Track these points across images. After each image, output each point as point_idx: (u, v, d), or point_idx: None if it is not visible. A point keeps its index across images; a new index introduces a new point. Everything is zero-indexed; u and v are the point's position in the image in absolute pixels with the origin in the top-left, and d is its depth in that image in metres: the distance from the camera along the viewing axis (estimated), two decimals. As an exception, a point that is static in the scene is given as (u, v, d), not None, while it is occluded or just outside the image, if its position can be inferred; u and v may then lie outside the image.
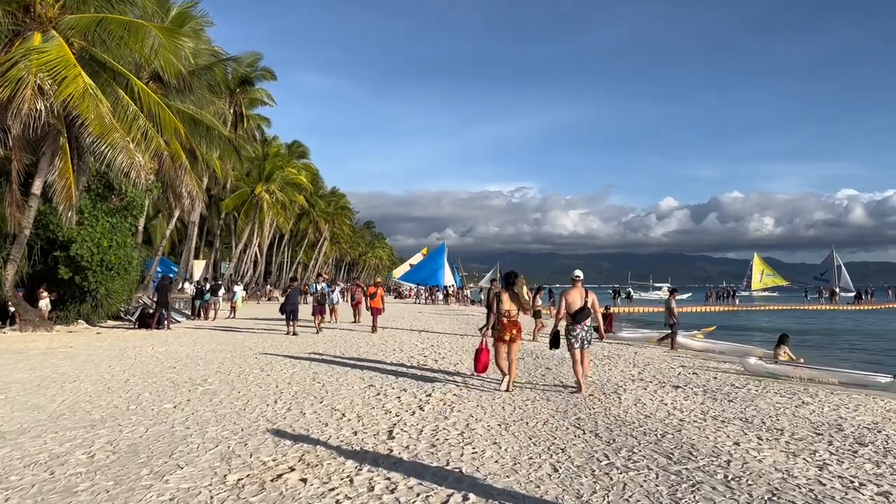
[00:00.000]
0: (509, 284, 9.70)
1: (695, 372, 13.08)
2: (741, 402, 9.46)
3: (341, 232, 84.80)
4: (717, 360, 16.21)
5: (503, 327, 9.48)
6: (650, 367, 13.44)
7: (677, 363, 14.60)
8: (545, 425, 7.53)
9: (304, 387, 9.80)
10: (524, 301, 9.92)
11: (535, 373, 11.95)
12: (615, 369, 12.92)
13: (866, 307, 62.06)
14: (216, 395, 8.99)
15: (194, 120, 26.53)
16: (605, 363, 13.90)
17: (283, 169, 52.06)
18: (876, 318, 46.37)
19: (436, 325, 26.04)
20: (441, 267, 59.90)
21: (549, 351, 14.45)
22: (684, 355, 16.96)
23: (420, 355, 14.48)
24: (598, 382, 10.97)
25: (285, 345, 15.97)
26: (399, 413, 8.00)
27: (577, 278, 10.00)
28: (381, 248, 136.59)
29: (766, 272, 70.70)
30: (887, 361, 19.87)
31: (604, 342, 19.48)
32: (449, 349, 16.09)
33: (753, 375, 13.00)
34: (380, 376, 10.99)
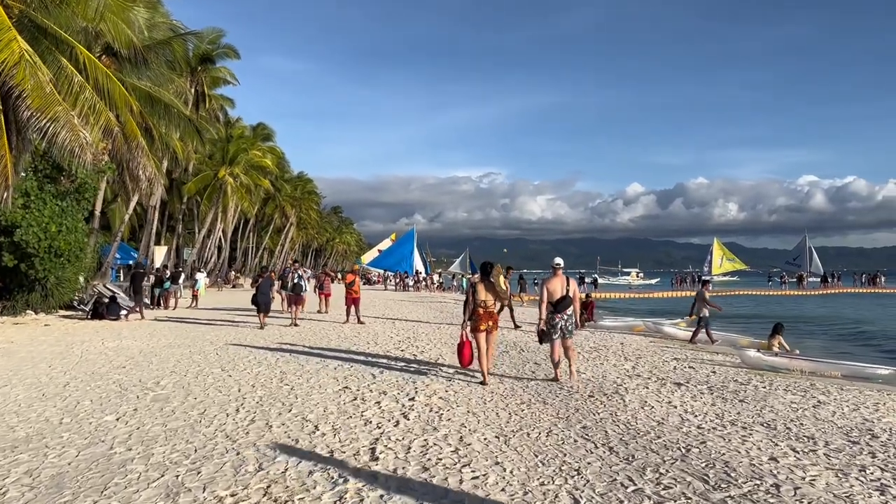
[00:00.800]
0: (485, 274, 9.47)
1: (691, 366, 12.25)
2: (754, 403, 8.62)
3: (308, 217, 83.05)
4: (708, 351, 15.45)
5: (479, 318, 9.29)
6: (643, 361, 12.58)
7: (669, 355, 13.78)
8: (549, 437, 6.55)
9: (270, 391, 8.67)
10: (501, 291, 9.68)
11: (523, 369, 10.99)
12: (607, 364, 12.02)
13: (833, 291, 62.61)
14: (168, 403, 7.83)
15: (151, 97, 24.95)
16: (594, 356, 13.00)
17: (248, 152, 50.28)
18: (838, 303, 46.49)
19: (409, 313, 25.00)
20: (411, 253, 58.90)
21: (533, 343, 13.54)
22: (673, 346, 16.17)
23: (397, 349, 13.43)
24: (595, 380, 10.05)
25: (250, 339, 14.78)
26: (381, 424, 6.95)
27: (557, 266, 9.67)
28: (348, 234, 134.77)
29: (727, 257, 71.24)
30: (861, 348, 19.41)
31: (586, 331, 18.71)
32: (427, 341, 15.06)
33: (753, 369, 12.23)
34: (355, 376, 9.91)
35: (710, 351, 15.24)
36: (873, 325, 27.82)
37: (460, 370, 10.57)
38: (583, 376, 10.42)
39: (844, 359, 14.46)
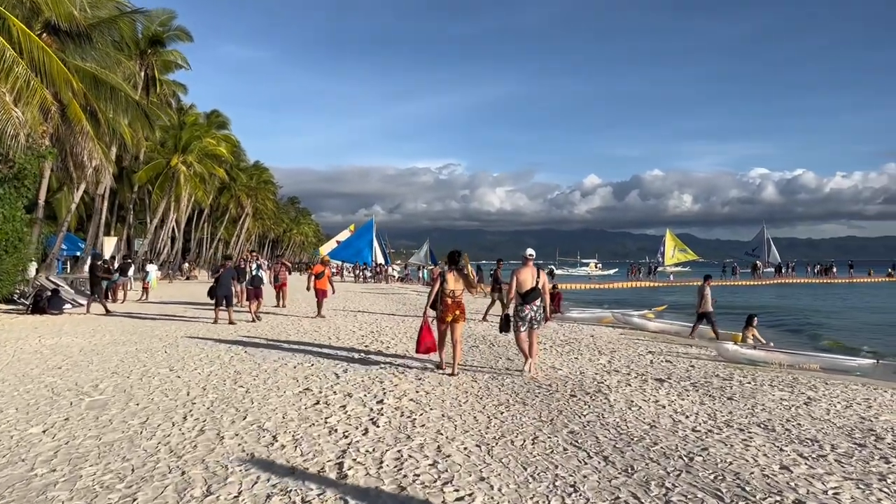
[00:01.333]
0: (454, 263, 9.33)
1: (668, 360, 11.78)
2: (743, 401, 8.13)
3: (264, 207, 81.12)
4: (681, 343, 15.04)
5: (446, 307, 9.12)
6: (618, 355, 12.07)
7: (643, 348, 13.31)
8: (536, 445, 5.91)
9: (222, 394, 7.84)
10: (471, 280, 9.52)
11: (496, 365, 10.34)
12: (582, 358, 11.47)
13: (787, 281, 63.72)
14: (106, 410, 6.94)
15: (97, 79, 23.59)
16: (567, 350, 12.45)
17: (202, 139, 48.51)
18: (793, 293, 47.17)
19: (371, 305, 24.21)
20: (370, 244, 58.05)
21: (502, 336, 12.91)
22: (644, 338, 15.73)
23: (360, 344, 12.67)
24: (573, 377, 9.46)
25: (203, 335, 13.83)
26: (347, 432, 6.21)
27: (529, 257, 9.48)
28: (306, 225, 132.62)
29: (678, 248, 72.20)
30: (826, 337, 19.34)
31: (554, 324, 18.20)
32: (391, 335, 14.33)
33: (731, 363, 11.82)
34: (317, 375, 9.13)
35: (685, 343, 14.84)
36: (829, 317, 28.01)
37: (431, 368, 9.90)
38: (560, 373, 9.84)
39: (804, 349, 14.24)
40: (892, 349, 16.37)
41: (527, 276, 9.22)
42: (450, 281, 9.16)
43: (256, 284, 17.39)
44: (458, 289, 9.19)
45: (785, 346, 14.78)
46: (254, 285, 17.36)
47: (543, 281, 9.26)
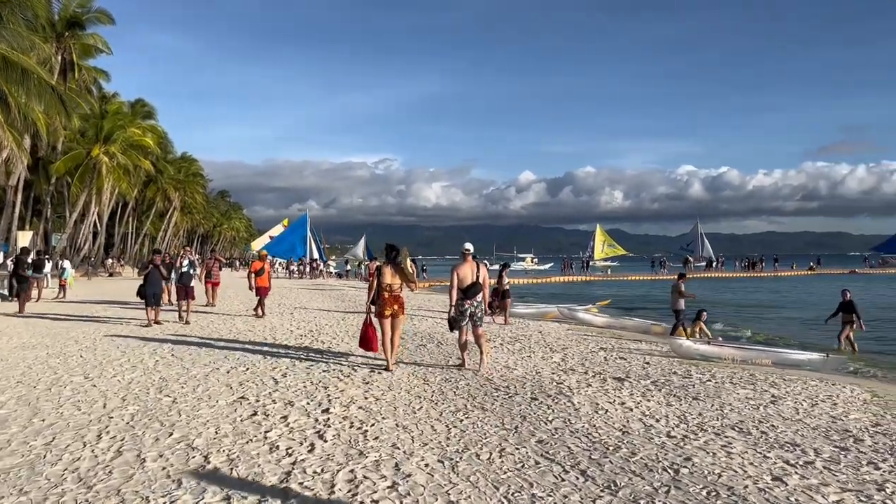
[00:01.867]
0: (390, 258, 9.18)
1: (621, 356, 11.41)
2: (709, 400, 7.76)
3: (193, 201, 78.29)
4: (629, 338, 14.77)
5: (384, 302, 8.96)
6: (571, 352, 11.63)
7: (594, 344, 12.94)
8: (504, 458, 5.30)
9: (145, 405, 6.95)
10: (409, 274, 9.36)
11: (448, 366, 9.71)
12: (535, 357, 10.97)
13: (717, 275, 65.38)
14: (4, 428, 5.98)
15: (6, 60, 21.87)
16: (518, 348, 11.94)
17: (126, 129, 46.14)
18: (722, 287, 48.32)
19: (307, 302, 23.25)
20: (304, 239, 56.80)
21: (451, 335, 12.31)
22: (592, 333, 15.41)
23: (299, 344, 11.85)
24: (530, 377, 8.92)
25: (124, 337, 12.74)
26: (291, 449, 5.46)
27: (467, 251, 9.44)
28: (237, 219, 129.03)
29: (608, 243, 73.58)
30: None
31: (501, 320, 17.73)
32: (332, 334, 13.54)
33: (684, 358, 11.54)
34: (253, 381, 8.30)
35: (634, 339, 14.57)
36: (762, 311, 28.52)
37: (378, 368, 9.21)
38: (515, 373, 9.29)
39: (750, 344, 14.20)
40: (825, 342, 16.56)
41: (467, 271, 9.15)
42: (386, 275, 9.01)
43: (187, 282, 16.08)
44: (395, 283, 9.03)
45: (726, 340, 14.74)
46: (184, 283, 16.05)
47: (484, 275, 9.20)
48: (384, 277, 9.01)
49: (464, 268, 9.20)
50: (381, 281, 9.01)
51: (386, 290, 8.98)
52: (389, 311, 8.98)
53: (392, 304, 8.99)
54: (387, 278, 9.00)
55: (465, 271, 9.17)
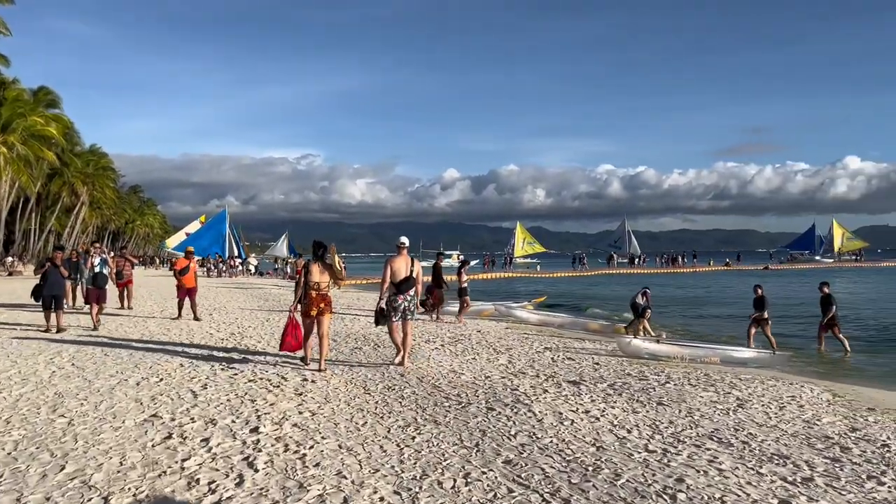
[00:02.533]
0: (317, 255, 8.96)
1: (569, 356, 10.84)
2: (674, 405, 7.22)
3: (103, 196, 74.21)
4: (571, 336, 14.26)
5: (311, 301, 8.74)
6: (516, 353, 10.98)
7: (537, 344, 12.34)
8: (470, 485, 4.52)
9: (34, 428, 5.81)
10: (337, 272, 9.05)
11: (389, 371, 8.86)
12: (480, 359, 10.25)
13: (640, 271, 66.67)
14: None
15: None
16: (461, 350, 11.19)
17: (27, 118, 43.01)
18: (650, 282, 49.11)
19: (228, 301, 21.86)
20: (222, 235, 54.70)
21: (387, 336, 11.46)
22: (531, 331, 14.84)
23: (220, 349, 10.74)
24: (481, 383, 8.18)
25: (17, 345, 11.28)
26: (214, 482, 4.51)
27: (402, 245, 9.35)
28: (151, 216, 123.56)
29: (528, 240, 74.32)
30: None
31: (429, 317, 16.98)
32: (257, 337, 12.46)
33: (633, 357, 11.06)
34: (167, 394, 7.23)
35: (576, 337, 14.06)
36: (689, 307, 28.82)
37: (311, 378, 8.28)
38: (463, 378, 8.54)
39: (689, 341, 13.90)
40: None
41: (400, 265, 9.07)
42: (314, 273, 8.81)
43: (100, 284, 14.14)
44: (323, 281, 8.82)
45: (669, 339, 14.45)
46: (97, 285, 14.25)
47: (417, 270, 9.12)
48: (312, 275, 8.78)
49: (398, 261, 9.08)
50: (309, 279, 8.77)
51: (313, 288, 8.75)
52: (316, 310, 8.76)
53: (319, 302, 8.77)
54: (314, 276, 8.78)
55: (398, 265, 9.05)
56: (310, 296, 8.76)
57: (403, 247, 9.31)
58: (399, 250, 9.29)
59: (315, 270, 8.81)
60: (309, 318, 8.83)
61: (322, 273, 8.84)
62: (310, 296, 8.76)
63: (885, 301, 29.51)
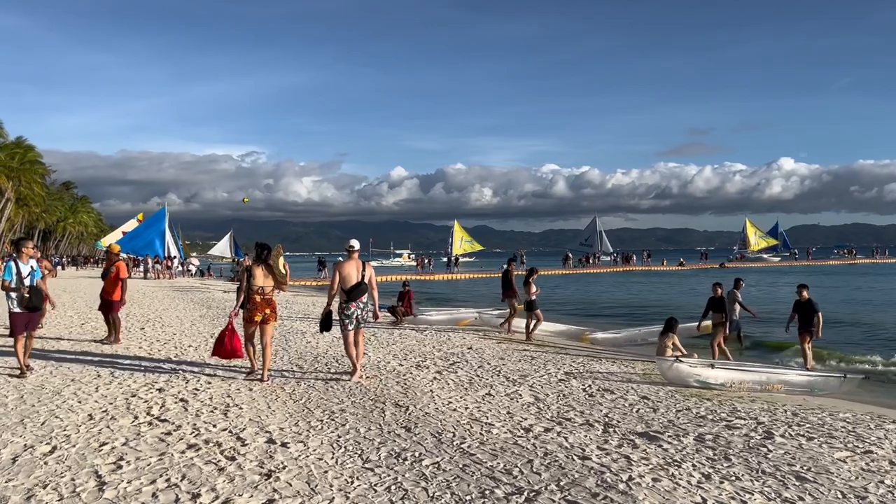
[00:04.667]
0: (261, 257, 8.47)
1: (605, 389, 8.52)
2: (820, 482, 4.95)
3: (31, 192, 69.20)
4: (581, 352, 11.96)
5: (255, 306, 8.25)
6: (536, 384, 8.63)
7: (552, 367, 10.02)
8: None
9: None
10: (279, 275, 8.52)
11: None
12: (497, 394, 7.86)
13: (595, 270, 65.31)
14: None
15: None
16: (467, 380, 8.75)
17: (-62, 103, 38.68)
18: (605, 280, 47.69)
19: (165, 308, 18.91)
20: (162, 234, 51.35)
21: (338, 349, 8.99)
22: (530, 348, 12.49)
23: (154, 371, 8.10)
24: (526, 444, 5.76)
25: None
26: None
27: (352, 249, 8.70)
28: (85, 214, 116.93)
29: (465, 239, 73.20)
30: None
31: (409, 329, 14.56)
32: (201, 353, 9.79)
33: (678, 386, 8.83)
34: (81, 432, 4.60)
35: (590, 355, 11.75)
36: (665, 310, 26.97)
37: (276, 443, 5.76)
38: (497, 432, 6.12)
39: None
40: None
41: (351, 269, 8.47)
42: (258, 276, 8.26)
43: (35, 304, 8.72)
44: (267, 285, 8.32)
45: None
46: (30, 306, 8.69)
47: (370, 275, 8.56)
48: (255, 279, 8.25)
49: (348, 266, 8.47)
50: (252, 283, 8.23)
51: (257, 292, 8.23)
52: (260, 316, 8.24)
53: (263, 308, 8.27)
54: (258, 280, 8.26)
55: (348, 270, 8.44)
56: (253, 300, 8.19)
57: (353, 250, 8.63)
58: (350, 254, 8.61)
59: (259, 273, 8.25)
60: (253, 325, 8.26)
61: (266, 276, 8.29)
62: (253, 300, 8.19)
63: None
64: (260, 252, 8.51)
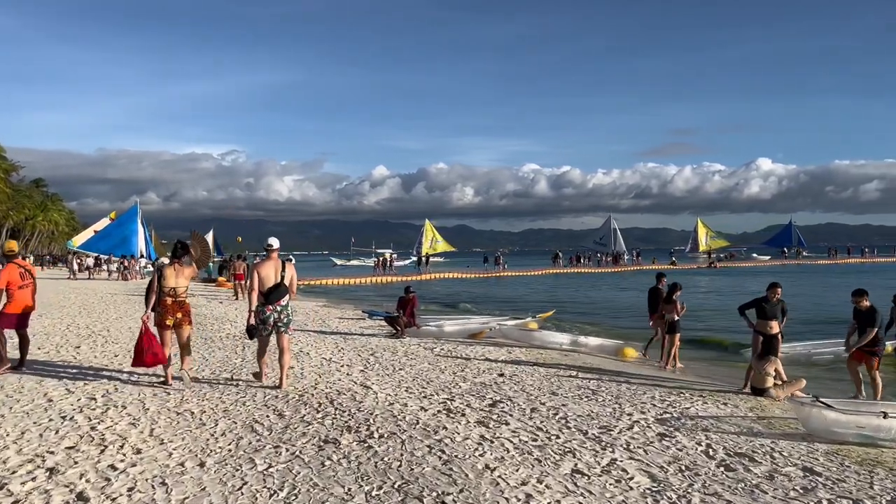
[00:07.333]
0: (176, 256, 7.97)
1: (737, 450, 5.76)
2: None
3: (-6, 189, 65.42)
4: (634, 379, 9.18)
5: (166, 309, 7.73)
6: (634, 447, 5.84)
7: (628, 406, 7.25)
8: None
9: None
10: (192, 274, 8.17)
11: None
12: (594, 477, 5.05)
13: (586, 270, 62.85)
14: None
15: None
16: (528, 437, 5.94)
17: None
18: (590, 282, 45.13)
19: (118, 318, 15.81)
20: (134, 233, 48.56)
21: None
22: (576, 374, 9.69)
23: (86, 408, 5.24)
24: None
25: None
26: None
27: (270, 248, 8.11)
28: (56, 212, 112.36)
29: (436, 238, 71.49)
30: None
31: (407, 344, 11.78)
32: (142, 387, 6.89)
33: (828, 441, 6.10)
34: None
35: (673, 387, 8.93)
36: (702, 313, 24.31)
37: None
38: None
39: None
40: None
41: (269, 270, 7.87)
42: (169, 277, 7.73)
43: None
44: (181, 287, 7.81)
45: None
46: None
47: (291, 275, 8.01)
48: (166, 279, 7.73)
49: (266, 267, 7.94)
50: (163, 284, 7.70)
51: (169, 294, 7.71)
52: (172, 320, 7.76)
53: (175, 311, 7.77)
54: (170, 281, 7.75)
55: (266, 271, 7.89)
56: (164, 303, 7.73)
57: (272, 250, 8.12)
58: (268, 254, 8.11)
59: (170, 274, 7.79)
60: (165, 330, 7.76)
61: (178, 277, 7.82)
62: (164, 303, 7.73)
63: None
64: (176, 250, 7.98)
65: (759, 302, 9.32)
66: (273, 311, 7.80)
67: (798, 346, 13.10)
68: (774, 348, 8.70)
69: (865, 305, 8.85)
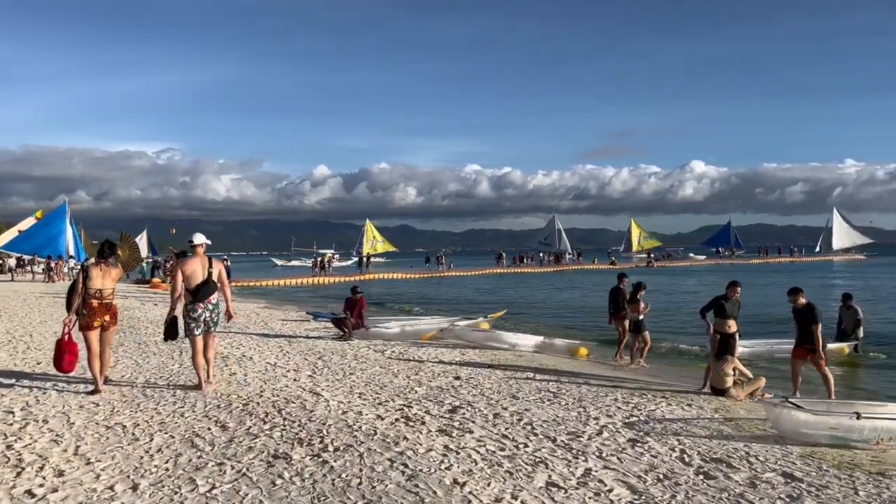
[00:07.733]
0: (103, 256, 7.62)
1: (713, 455, 5.51)
2: None
3: None
4: (586, 376, 8.91)
5: (92, 311, 7.31)
6: (607, 452, 5.52)
7: (592, 409, 6.95)
8: None
9: None
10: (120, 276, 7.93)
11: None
12: (573, 489, 4.70)
13: (527, 270, 63.12)
14: None
15: None
16: (496, 447, 5.56)
17: None
18: (536, 281, 45.37)
19: (42, 321, 14.76)
20: (62, 233, 46.40)
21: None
22: (530, 375, 9.39)
23: None
24: None
25: None
26: None
27: (194, 244, 7.85)
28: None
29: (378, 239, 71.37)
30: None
31: (356, 346, 11.29)
32: (66, 396, 6.21)
33: (796, 441, 5.94)
34: None
35: (633, 388, 8.68)
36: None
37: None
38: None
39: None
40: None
41: (195, 267, 7.60)
42: (95, 278, 7.33)
43: None
44: (106, 288, 7.40)
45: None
46: None
47: (220, 271, 7.78)
48: (92, 281, 7.31)
49: (191, 264, 7.63)
50: (89, 285, 7.31)
51: (95, 296, 7.31)
52: (98, 322, 7.34)
53: (102, 313, 7.36)
54: (96, 282, 7.33)
55: (192, 268, 7.58)
56: (90, 305, 7.27)
57: (196, 245, 7.84)
58: (194, 251, 7.83)
59: (96, 275, 7.34)
60: (90, 332, 7.28)
61: (105, 278, 7.40)
62: (90, 305, 7.27)
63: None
64: (103, 250, 7.68)
65: (718, 301, 9.18)
66: (205, 309, 7.61)
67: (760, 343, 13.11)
68: (732, 347, 8.58)
69: (802, 303, 8.84)
